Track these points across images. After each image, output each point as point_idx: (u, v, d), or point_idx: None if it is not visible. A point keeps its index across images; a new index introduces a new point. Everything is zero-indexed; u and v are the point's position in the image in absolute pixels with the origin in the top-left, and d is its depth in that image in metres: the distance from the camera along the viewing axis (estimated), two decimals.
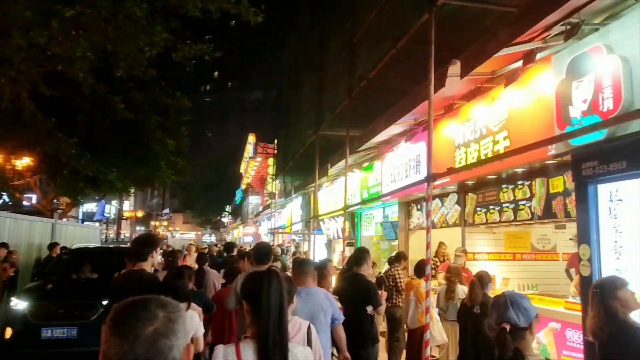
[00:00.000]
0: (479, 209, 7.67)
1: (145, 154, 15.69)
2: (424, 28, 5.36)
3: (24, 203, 21.55)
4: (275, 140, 26.73)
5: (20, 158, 15.43)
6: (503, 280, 7.35)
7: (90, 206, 38.85)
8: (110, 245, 21.83)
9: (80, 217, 36.24)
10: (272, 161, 26.89)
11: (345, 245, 11.22)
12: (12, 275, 9.41)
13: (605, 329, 2.88)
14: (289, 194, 20.28)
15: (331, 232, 15.44)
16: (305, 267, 4.05)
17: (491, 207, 7.33)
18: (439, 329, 6.36)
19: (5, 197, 23.11)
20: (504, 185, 6.99)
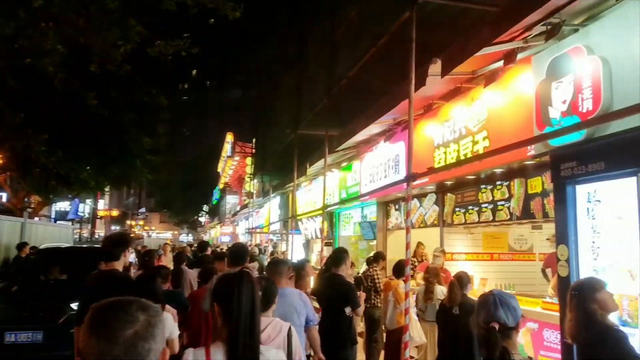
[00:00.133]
0: (457, 209, 7.66)
1: (120, 151, 15.34)
2: (405, 27, 5.31)
3: None
4: (254, 140, 26.53)
5: None
6: (481, 281, 7.36)
7: (63, 205, 38.02)
8: (84, 245, 21.29)
9: (52, 216, 35.39)
10: (250, 160, 26.68)
11: (324, 245, 11.14)
12: None
13: (584, 333, 2.85)
14: (267, 193, 20.12)
15: (309, 232, 15.35)
16: (279, 267, 3.97)
17: (470, 208, 7.32)
18: (417, 330, 6.31)
19: None
20: (482, 186, 6.98)
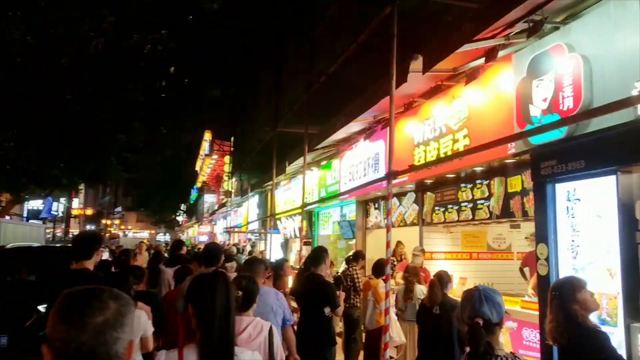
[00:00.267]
0: (437, 208, 7.64)
1: (93, 148, 14.92)
2: (386, 22, 5.23)
3: None
4: (232, 138, 26.28)
5: None
6: (460, 280, 7.34)
7: (36, 203, 37.16)
8: (58, 245, 20.75)
9: (25, 215, 34.49)
10: (229, 159, 26.42)
11: (303, 244, 11.05)
12: None
13: (564, 334, 2.82)
14: (245, 192, 19.92)
15: (288, 231, 15.25)
16: (255, 267, 3.92)
17: (449, 207, 7.30)
18: (396, 330, 6.25)
19: None
20: (462, 185, 6.97)
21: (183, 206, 58.22)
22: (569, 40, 4.43)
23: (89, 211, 59.57)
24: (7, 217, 18.57)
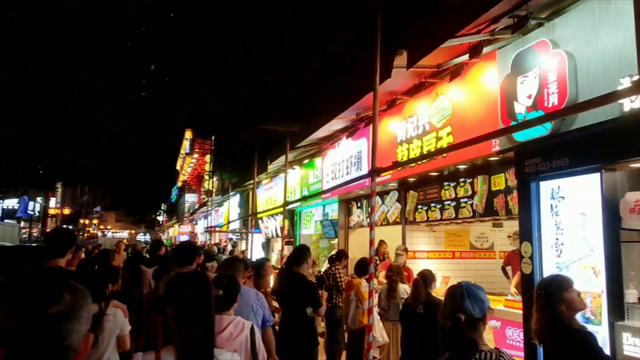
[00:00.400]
0: (420, 206, 7.59)
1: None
2: (370, 17, 5.13)
3: None
4: (213, 137, 26.03)
5: None
6: (443, 279, 7.30)
7: (11, 202, 36.31)
8: (33, 244, 20.25)
9: None
10: (210, 158, 26.18)
11: (284, 244, 10.94)
12: None
13: (551, 334, 2.76)
14: (226, 191, 19.72)
15: (270, 231, 15.12)
16: (235, 266, 3.87)
17: (432, 205, 7.26)
18: (379, 330, 6.17)
19: None
20: (445, 183, 6.92)
21: (163, 206, 57.60)
22: (554, 37, 4.40)
23: (67, 210, 58.54)
24: None
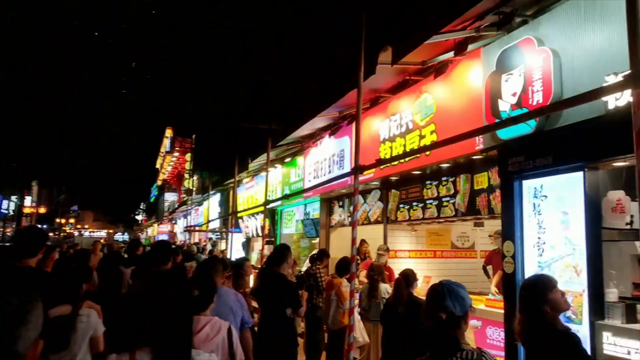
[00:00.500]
0: (401, 205, 7.54)
1: None
2: (355, 12, 5.06)
3: None
4: (194, 135, 25.73)
5: None
6: (424, 278, 7.26)
7: None
8: (6, 244, 19.70)
9: None
10: (190, 156, 25.88)
11: (265, 243, 10.81)
12: None
13: (534, 335, 2.72)
14: (206, 190, 19.47)
15: (250, 230, 14.96)
16: (213, 266, 3.82)
17: (414, 204, 7.21)
18: (359, 330, 6.09)
19: None
20: (427, 182, 6.88)
21: (142, 205, 56.82)
22: (539, 34, 4.37)
23: (42, 209, 57.30)
24: None
